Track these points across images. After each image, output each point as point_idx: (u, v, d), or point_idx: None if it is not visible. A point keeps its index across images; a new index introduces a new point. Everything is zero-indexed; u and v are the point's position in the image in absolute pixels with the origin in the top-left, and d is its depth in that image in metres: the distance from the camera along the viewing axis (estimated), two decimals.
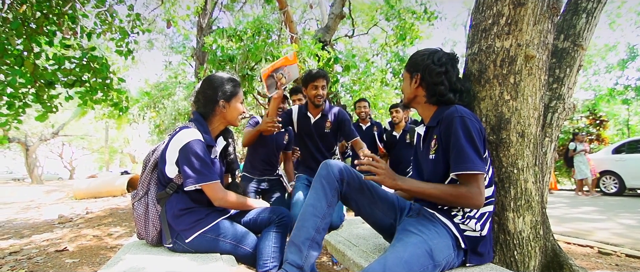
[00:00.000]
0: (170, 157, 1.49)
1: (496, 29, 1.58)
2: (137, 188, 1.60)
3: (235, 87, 1.65)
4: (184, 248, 1.50)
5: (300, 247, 1.27)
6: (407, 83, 1.50)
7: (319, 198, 1.33)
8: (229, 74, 1.68)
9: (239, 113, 1.66)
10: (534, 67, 1.57)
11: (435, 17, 8.13)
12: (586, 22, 2.07)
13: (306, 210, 1.33)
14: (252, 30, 5.64)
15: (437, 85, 1.40)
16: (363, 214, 1.44)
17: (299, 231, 1.30)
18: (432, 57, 1.43)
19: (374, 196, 1.41)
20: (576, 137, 8.53)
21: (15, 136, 16.95)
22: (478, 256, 1.30)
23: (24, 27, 3.50)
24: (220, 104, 1.61)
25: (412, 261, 1.11)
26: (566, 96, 2.06)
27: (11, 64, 3.52)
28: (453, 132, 1.25)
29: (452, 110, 1.30)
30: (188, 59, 12.29)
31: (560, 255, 1.78)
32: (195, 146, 1.45)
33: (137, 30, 4.66)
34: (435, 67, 1.40)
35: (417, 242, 1.17)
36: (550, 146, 2.02)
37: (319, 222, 1.30)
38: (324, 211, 1.31)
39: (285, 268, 1.26)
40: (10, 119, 3.73)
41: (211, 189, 1.49)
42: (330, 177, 1.34)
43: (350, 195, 1.38)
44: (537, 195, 1.59)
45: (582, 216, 5.16)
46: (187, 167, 1.44)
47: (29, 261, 3.25)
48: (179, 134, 1.49)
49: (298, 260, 1.26)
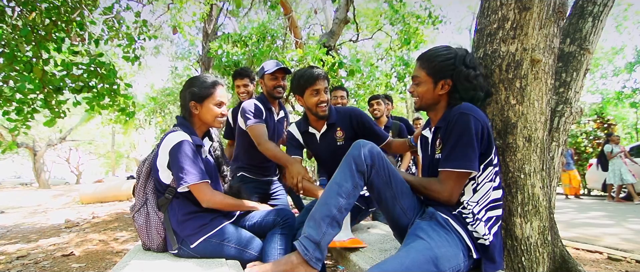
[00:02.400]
0: (162, 162, 1.50)
1: (501, 33, 1.58)
2: (134, 200, 1.59)
3: (207, 89, 1.59)
4: (189, 254, 1.50)
5: (320, 223, 1.24)
6: (429, 88, 1.39)
7: (346, 178, 1.28)
8: (209, 76, 1.65)
9: (215, 115, 1.60)
10: (540, 71, 1.56)
11: (439, 21, 8.13)
12: (592, 26, 2.06)
13: (331, 188, 1.29)
14: (257, 35, 5.69)
15: (475, 90, 1.34)
16: (383, 207, 1.39)
17: (321, 207, 1.27)
18: (463, 59, 1.34)
19: (398, 192, 1.36)
20: (611, 138, 7.89)
21: (23, 141, 17.14)
22: (492, 263, 1.26)
23: (33, 34, 3.55)
24: (191, 105, 1.59)
25: (413, 268, 1.08)
26: (573, 100, 2.05)
27: (20, 70, 3.58)
28: (451, 130, 1.25)
29: (457, 108, 1.28)
30: (194, 64, 12.40)
31: (569, 261, 1.76)
32: (184, 146, 1.46)
33: (144, 36, 4.72)
34: (470, 70, 1.33)
35: (422, 249, 1.14)
36: (557, 151, 2.00)
37: (342, 202, 1.26)
38: (349, 191, 1.27)
39: (301, 240, 1.24)
40: (19, 124, 3.79)
41: (198, 190, 1.47)
42: (361, 159, 1.29)
43: (375, 183, 1.33)
44: (544, 200, 1.58)
45: (590, 221, 5.09)
46: (176, 168, 1.44)
47: (36, 266, 3.27)
48: (167, 138, 1.50)
49: (315, 235, 1.23)
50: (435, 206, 1.34)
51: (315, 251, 1.23)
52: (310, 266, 1.23)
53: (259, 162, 2.36)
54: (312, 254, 1.22)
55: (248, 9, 11.21)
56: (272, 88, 2.28)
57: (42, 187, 17.67)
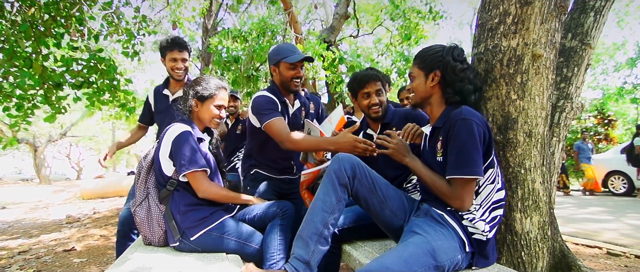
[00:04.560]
0: (164, 152, 1.54)
1: (503, 28, 1.57)
2: (135, 195, 1.61)
3: (210, 90, 1.67)
4: (190, 246, 1.51)
5: (308, 242, 1.27)
6: (421, 81, 1.42)
7: (328, 193, 1.31)
8: (216, 79, 1.72)
9: (212, 116, 1.68)
10: (541, 67, 1.56)
11: (440, 16, 8.07)
12: (594, 21, 2.05)
13: (315, 204, 1.32)
14: (257, 31, 5.66)
15: (462, 82, 1.35)
16: (372, 214, 1.42)
17: (307, 225, 1.29)
18: (451, 53, 1.36)
19: (384, 196, 1.38)
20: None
21: (23, 137, 17.13)
22: (484, 259, 1.29)
23: (32, 29, 3.54)
24: (193, 103, 1.67)
25: (412, 260, 1.11)
26: (574, 95, 2.04)
27: (20, 66, 3.57)
28: (455, 135, 1.25)
29: (458, 112, 1.28)
30: (194, 60, 12.36)
31: (569, 256, 1.77)
32: (187, 136, 1.53)
33: (144, 32, 4.70)
34: (457, 63, 1.35)
35: (419, 242, 1.17)
36: (558, 146, 2.01)
37: (327, 217, 1.29)
38: (333, 206, 1.30)
39: (291, 262, 1.26)
40: (20, 120, 3.79)
41: (195, 178, 1.52)
42: (341, 172, 1.32)
43: (360, 193, 1.36)
44: (544, 195, 1.58)
45: (589, 217, 5.10)
46: (178, 155, 1.50)
47: (38, 261, 3.29)
48: (170, 129, 1.57)
49: (305, 255, 1.25)
50: (430, 203, 1.37)
51: (306, 270, 1.25)
52: None
53: (275, 158, 2.09)
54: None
55: (248, 4, 11.16)
56: (289, 79, 1.94)
57: (43, 183, 17.71)
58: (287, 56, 1.91)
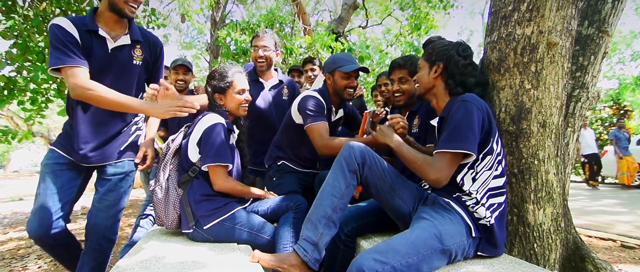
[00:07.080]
0: (194, 138, 1.57)
1: (517, 16, 1.53)
2: (157, 174, 1.63)
3: (225, 79, 1.67)
4: (203, 235, 1.53)
5: (317, 225, 1.30)
6: (425, 72, 1.47)
7: (338, 178, 1.34)
8: (227, 65, 1.72)
9: (239, 103, 1.70)
10: (556, 55, 1.52)
11: (451, 5, 7.93)
12: (612, 7, 1.98)
13: (324, 189, 1.35)
14: (265, 22, 5.64)
15: (464, 76, 1.39)
16: (381, 201, 1.44)
17: (317, 209, 1.33)
18: (456, 47, 1.42)
19: (394, 183, 1.41)
20: None
21: (38, 130, 17.43)
22: (492, 247, 1.29)
23: (44, 24, 3.58)
24: (216, 98, 1.69)
25: (419, 243, 1.13)
26: (590, 85, 1.99)
27: (33, 61, 3.62)
28: (452, 115, 1.27)
29: (460, 97, 1.31)
30: (202, 53, 12.41)
31: (582, 248, 1.74)
32: (218, 128, 1.54)
33: (153, 25, 4.72)
34: (460, 58, 1.40)
35: (425, 226, 1.20)
36: (573, 136, 1.97)
37: (336, 202, 1.32)
38: (342, 191, 1.32)
39: (300, 243, 1.30)
40: (34, 113, 3.86)
41: (215, 172, 1.54)
42: (351, 159, 1.35)
43: (370, 179, 1.38)
44: (558, 187, 1.55)
45: (603, 209, 5.02)
46: (207, 146, 1.52)
47: None
48: (205, 117, 1.59)
49: (313, 237, 1.29)
50: (437, 191, 1.40)
51: (314, 252, 1.28)
52: (309, 268, 1.28)
53: (305, 156, 2.15)
54: (311, 256, 1.28)
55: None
56: (343, 88, 1.99)
57: None
58: (343, 65, 1.96)
